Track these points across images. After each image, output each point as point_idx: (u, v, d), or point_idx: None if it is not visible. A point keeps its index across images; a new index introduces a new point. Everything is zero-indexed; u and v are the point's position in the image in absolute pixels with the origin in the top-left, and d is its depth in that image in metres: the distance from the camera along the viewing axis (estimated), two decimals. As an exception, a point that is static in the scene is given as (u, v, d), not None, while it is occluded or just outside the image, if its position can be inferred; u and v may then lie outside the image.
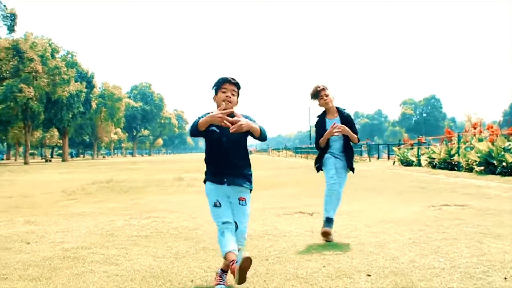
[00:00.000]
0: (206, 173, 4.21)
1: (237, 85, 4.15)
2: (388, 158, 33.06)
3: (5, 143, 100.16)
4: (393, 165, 24.97)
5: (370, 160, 33.42)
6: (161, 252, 5.40)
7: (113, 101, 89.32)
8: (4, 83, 52.43)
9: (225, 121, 3.75)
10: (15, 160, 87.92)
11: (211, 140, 4.09)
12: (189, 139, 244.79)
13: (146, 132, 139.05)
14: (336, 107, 6.22)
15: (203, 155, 4.82)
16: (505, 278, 4.02)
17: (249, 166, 4.22)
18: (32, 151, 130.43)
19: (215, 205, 4.03)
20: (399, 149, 25.96)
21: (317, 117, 6.39)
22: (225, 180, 4.03)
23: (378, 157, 36.33)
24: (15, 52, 47.70)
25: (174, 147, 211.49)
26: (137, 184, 16.63)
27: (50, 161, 74.97)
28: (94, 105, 79.33)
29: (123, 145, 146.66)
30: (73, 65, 58.93)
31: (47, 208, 10.00)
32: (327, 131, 6.04)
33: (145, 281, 4.23)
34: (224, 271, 4.10)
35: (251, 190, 4.19)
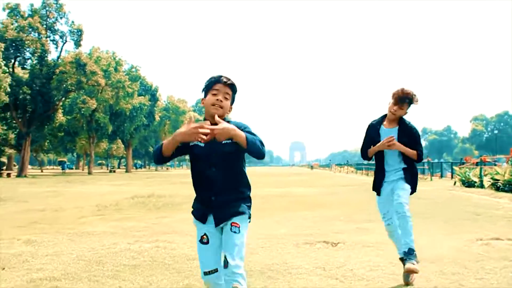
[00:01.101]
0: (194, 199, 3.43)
1: (232, 87, 3.26)
2: (452, 177, 31.24)
3: (75, 153, 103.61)
4: (454, 185, 23.35)
5: (431, 179, 31.70)
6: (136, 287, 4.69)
7: (176, 114, 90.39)
8: (70, 96, 54.04)
9: (201, 135, 2.88)
10: (82, 169, 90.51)
11: (193, 159, 3.28)
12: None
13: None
14: (402, 118, 5.05)
15: (270, 168, 4.08)
16: None
17: (245, 187, 3.32)
18: (101, 161, 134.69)
19: (201, 241, 3.22)
20: (460, 168, 24.27)
21: (372, 122, 5.26)
22: (211, 218, 3.22)
23: (441, 176, 34.47)
24: (78, 66, 48.92)
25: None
26: (176, 199, 16.10)
27: (114, 171, 76.62)
28: (157, 118, 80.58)
29: (187, 157, 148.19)
30: (136, 79, 59.91)
31: (64, 225, 9.57)
32: (379, 143, 4.98)
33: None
34: None
35: (249, 217, 3.26)
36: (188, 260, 6.04)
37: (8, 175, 48.81)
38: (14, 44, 46.33)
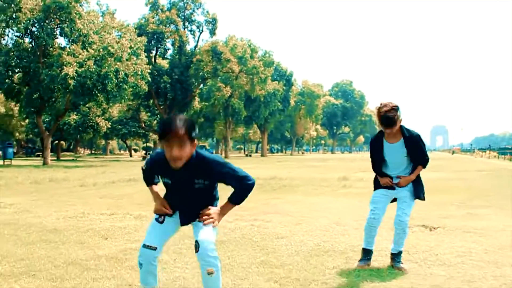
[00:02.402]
0: None
1: (185, 133, 2.96)
2: None
3: (214, 138, 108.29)
4: None
5: None
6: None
7: (312, 99, 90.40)
8: (207, 83, 56.48)
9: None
10: (221, 154, 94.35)
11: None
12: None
13: (346, 129, 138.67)
14: (402, 127, 4.79)
15: None
16: None
17: (213, 201, 3.40)
18: (240, 146, 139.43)
19: (157, 219, 3.39)
20: None
21: (372, 139, 5.10)
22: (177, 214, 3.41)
23: None
24: (213, 54, 50.91)
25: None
26: (295, 182, 16.29)
27: (250, 155, 79.08)
28: (292, 103, 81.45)
29: (322, 142, 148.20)
30: (270, 64, 60.84)
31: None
32: (383, 181, 4.93)
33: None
34: None
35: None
36: (276, 239, 6.17)
37: (151, 158, 52.42)
38: (155, 36, 49.43)
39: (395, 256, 4.83)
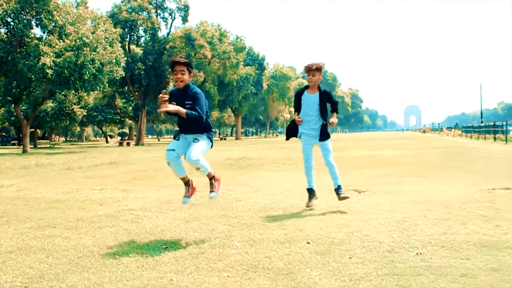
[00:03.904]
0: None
1: (185, 64, 5.36)
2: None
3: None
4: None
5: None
6: (184, 216, 6.61)
7: (284, 81, 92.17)
8: (180, 69, 57.65)
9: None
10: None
11: None
12: (366, 118, 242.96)
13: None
14: (319, 86, 6.93)
15: (380, 133, 5.97)
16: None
17: (204, 126, 5.54)
18: (215, 129, 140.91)
19: (174, 138, 5.60)
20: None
21: (297, 90, 7.17)
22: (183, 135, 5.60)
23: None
24: (187, 41, 52.24)
25: (350, 126, 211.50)
26: (261, 161, 17.99)
27: (225, 139, 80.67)
28: (265, 86, 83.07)
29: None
30: (241, 49, 62.30)
31: (156, 181, 11.78)
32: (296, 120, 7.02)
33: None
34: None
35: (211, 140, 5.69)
36: (235, 201, 7.89)
37: (128, 144, 53.87)
38: (128, 24, 50.53)
39: (337, 189, 6.96)
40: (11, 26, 33.81)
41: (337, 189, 6.97)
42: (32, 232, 5.72)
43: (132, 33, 52.78)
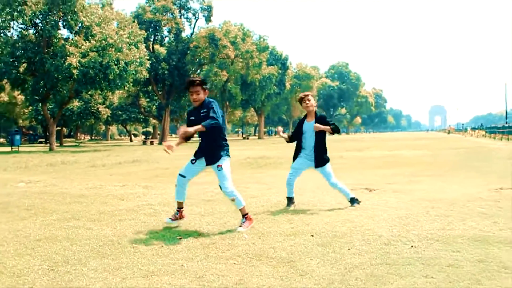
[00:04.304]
0: None
1: (199, 84, 5.65)
2: None
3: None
4: None
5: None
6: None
7: (307, 81, 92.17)
8: (204, 69, 58.37)
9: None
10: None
11: None
12: (390, 118, 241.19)
13: (343, 111, 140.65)
14: (316, 112, 7.34)
15: (404, 134, 6.27)
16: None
17: (221, 141, 5.82)
18: (238, 129, 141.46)
19: (191, 161, 5.85)
20: None
21: (300, 118, 7.71)
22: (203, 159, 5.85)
23: None
24: (210, 40, 52.81)
25: (373, 126, 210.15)
26: (280, 160, 18.34)
27: (247, 138, 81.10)
28: (288, 86, 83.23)
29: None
30: (264, 49, 62.58)
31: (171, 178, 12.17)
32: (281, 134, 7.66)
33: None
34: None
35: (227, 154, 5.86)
36: (250, 198, 8.22)
37: (152, 142, 54.63)
38: (152, 25, 51.30)
39: (351, 201, 7.27)
40: (39, 27, 34.77)
41: (351, 201, 7.28)
42: (58, 223, 6.16)
43: (156, 33, 53.56)
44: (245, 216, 5.81)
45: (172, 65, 52.87)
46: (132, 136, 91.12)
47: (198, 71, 58.01)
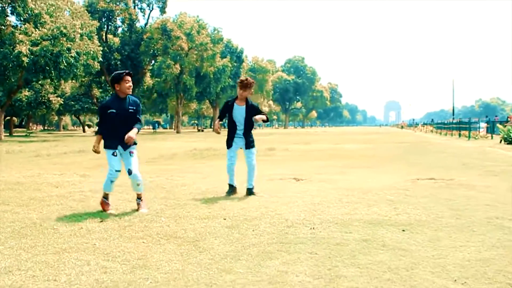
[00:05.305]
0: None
1: (132, 76, 6.17)
2: None
3: (169, 114, 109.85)
4: (500, 143, 24.35)
5: (492, 138, 32.21)
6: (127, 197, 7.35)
7: (263, 74, 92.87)
8: (158, 60, 58.17)
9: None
10: (174, 129, 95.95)
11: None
12: (346, 113, 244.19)
13: (299, 105, 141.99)
14: (247, 98, 7.65)
15: (357, 128, 6.55)
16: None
17: None
18: (194, 121, 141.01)
19: (112, 154, 6.12)
20: (504, 126, 25.15)
21: (228, 100, 7.93)
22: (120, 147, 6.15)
23: (492, 134, 34.59)
24: (163, 32, 52.70)
25: (329, 120, 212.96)
26: (225, 152, 18.67)
27: (202, 131, 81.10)
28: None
29: (274, 117, 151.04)
30: (218, 41, 62.74)
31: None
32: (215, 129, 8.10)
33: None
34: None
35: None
36: (180, 186, 8.64)
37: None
38: (105, 14, 50.83)
39: (249, 190, 7.56)
40: (-15, 14, 33.99)
41: (249, 190, 7.65)
42: (-14, 208, 6.42)
43: (110, 23, 53.17)
44: (140, 198, 6.40)
45: (125, 55, 52.67)
46: (86, 127, 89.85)
47: (152, 62, 57.72)
